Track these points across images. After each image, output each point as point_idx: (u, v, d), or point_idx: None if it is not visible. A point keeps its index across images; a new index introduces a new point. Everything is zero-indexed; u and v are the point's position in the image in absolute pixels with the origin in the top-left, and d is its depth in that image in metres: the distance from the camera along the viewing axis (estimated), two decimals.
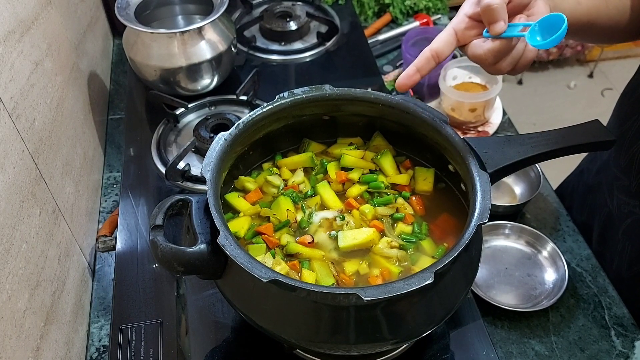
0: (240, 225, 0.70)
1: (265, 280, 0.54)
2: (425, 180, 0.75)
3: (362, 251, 0.68)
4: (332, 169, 0.76)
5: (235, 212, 0.73)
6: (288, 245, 0.68)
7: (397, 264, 0.67)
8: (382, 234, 0.70)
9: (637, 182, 0.87)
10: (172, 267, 0.60)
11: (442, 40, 0.67)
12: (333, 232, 0.69)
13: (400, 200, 0.73)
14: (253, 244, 0.69)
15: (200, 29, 1.04)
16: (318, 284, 0.63)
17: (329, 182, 0.75)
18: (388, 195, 0.73)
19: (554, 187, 1.10)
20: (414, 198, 0.74)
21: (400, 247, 0.68)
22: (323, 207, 0.73)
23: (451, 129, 0.68)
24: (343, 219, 0.71)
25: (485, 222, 0.59)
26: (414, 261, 0.67)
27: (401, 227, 0.71)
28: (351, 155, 0.77)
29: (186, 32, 1.03)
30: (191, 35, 1.04)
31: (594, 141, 0.70)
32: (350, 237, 0.68)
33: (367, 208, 0.71)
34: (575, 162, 1.13)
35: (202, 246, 0.60)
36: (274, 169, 0.78)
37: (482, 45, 0.65)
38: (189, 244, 0.61)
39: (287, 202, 0.72)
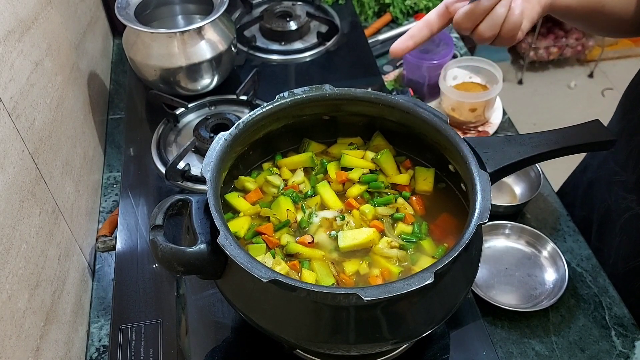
0: (240, 225, 0.70)
1: (265, 280, 0.54)
2: (426, 180, 0.75)
3: (362, 251, 0.68)
4: (332, 169, 0.76)
5: (235, 212, 0.73)
6: (288, 245, 0.68)
7: (397, 264, 0.67)
8: (382, 234, 0.70)
9: (635, 177, 0.87)
10: (172, 267, 0.60)
11: (434, 12, 0.74)
12: (333, 232, 0.69)
13: (400, 200, 0.73)
14: (253, 244, 0.68)
15: (200, 29, 1.04)
16: (318, 284, 0.62)
17: (329, 182, 0.75)
18: (388, 195, 0.73)
19: (556, 186, 1.09)
20: (414, 198, 0.74)
21: (401, 247, 0.68)
22: (323, 207, 0.73)
23: (451, 129, 0.68)
24: (343, 219, 0.70)
25: (486, 222, 0.59)
26: (414, 261, 0.67)
27: (401, 227, 0.71)
28: (351, 155, 0.77)
29: (186, 32, 1.03)
30: (191, 35, 1.04)
31: (594, 141, 0.70)
32: (350, 237, 0.68)
33: (367, 208, 0.71)
34: (577, 161, 1.13)
35: (202, 246, 0.60)
36: (274, 169, 0.78)
37: (459, 11, 0.70)
38: (189, 244, 0.61)
39: (287, 202, 0.72)
